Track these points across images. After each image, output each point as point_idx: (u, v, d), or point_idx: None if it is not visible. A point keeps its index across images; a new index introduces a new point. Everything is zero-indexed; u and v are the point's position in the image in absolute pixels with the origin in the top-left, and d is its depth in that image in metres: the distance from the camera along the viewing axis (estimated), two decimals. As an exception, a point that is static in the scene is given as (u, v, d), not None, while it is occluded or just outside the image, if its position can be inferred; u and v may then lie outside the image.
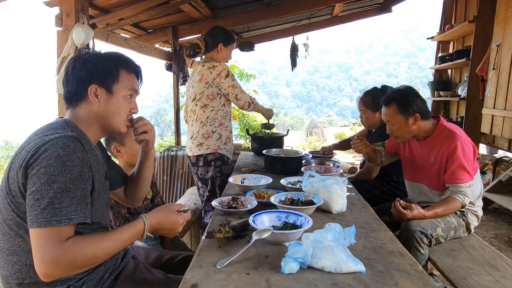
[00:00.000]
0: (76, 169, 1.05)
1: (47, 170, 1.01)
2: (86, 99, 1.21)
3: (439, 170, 1.99)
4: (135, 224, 1.16)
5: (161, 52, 5.02)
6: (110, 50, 1.32)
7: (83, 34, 2.59)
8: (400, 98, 2.01)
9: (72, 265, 1.02)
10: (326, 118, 39.39)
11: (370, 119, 2.76)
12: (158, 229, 1.22)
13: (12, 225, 1.10)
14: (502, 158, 4.51)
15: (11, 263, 1.12)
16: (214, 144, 2.58)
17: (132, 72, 1.27)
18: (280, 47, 8.40)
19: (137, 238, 1.16)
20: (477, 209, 2.06)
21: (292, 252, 1.13)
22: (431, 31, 6.26)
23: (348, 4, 5.30)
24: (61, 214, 1.01)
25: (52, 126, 1.14)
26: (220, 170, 2.63)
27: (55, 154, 1.03)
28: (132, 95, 1.28)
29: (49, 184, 1.01)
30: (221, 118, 2.61)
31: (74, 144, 1.07)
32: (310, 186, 1.76)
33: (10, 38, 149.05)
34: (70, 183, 1.03)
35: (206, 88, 2.54)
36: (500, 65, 3.48)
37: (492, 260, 1.80)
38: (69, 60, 1.27)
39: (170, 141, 9.73)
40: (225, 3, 4.39)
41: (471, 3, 4.94)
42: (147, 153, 1.47)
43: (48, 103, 4.85)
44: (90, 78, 1.19)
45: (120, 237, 1.12)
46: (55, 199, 1.01)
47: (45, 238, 1.00)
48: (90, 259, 1.06)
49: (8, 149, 9.91)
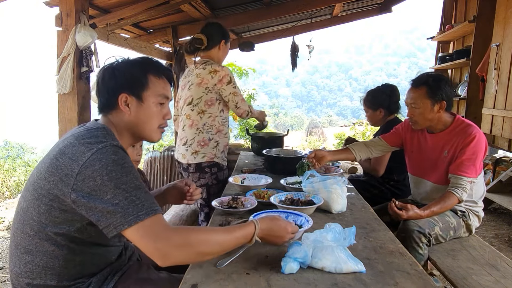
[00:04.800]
0: (133, 169, 1.07)
1: (111, 176, 1.01)
2: (118, 108, 1.20)
3: (451, 163, 1.95)
4: (246, 226, 1.15)
5: (161, 52, 5.02)
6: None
7: (89, 38, 2.59)
8: (432, 83, 1.96)
9: (188, 246, 1.01)
10: (326, 118, 39.44)
11: (372, 117, 2.77)
12: (267, 235, 1.18)
13: (34, 226, 1.10)
14: (502, 158, 4.51)
15: (24, 261, 1.12)
16: (211, 152, 2.44)
17: (162, 77, 1.25)
18: (280, 47, 8.40)
19: (246, 241, 1.14)
20: (478, 209, 2.05)
21: (292, 252, 1.13)
22: (431, 31, 6.25)
23: (348, 4, 5.30)
24: (145, 208, 1.01)
25: (93, 133, 1.11)
26: (216, 177, 2.49)
27: (110, 161, 1.03)
28: (164, 102, 1.26)
29: (119, 187, 1.01)
30: (218, 125, 2.47)
31: (121, 151, 1.09)
32: (310, 186, 1.76)
33: (10, 38, 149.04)
34: (136, 181, 1.04)
35: (205, 94, 2.40)
36: (500, 65, 3.48)
37: (492, 260, 1.80)
38: (99, 71, 1.26)
39: (170, 141, 9.72)
40: (225, 3, 4.39)
41: (471, 3, 4.94)
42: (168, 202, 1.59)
43: (48, 103, 4.84)
44: (119, 88, 1.19)
45: (232, 233, 1.11)
46: (131, 197, 1.01)
47: (143, 232, 0.99)
48: (203, 243, 1.04)
49: (8, 149, 9.90)
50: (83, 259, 1.16)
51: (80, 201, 1.02)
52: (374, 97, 2.71)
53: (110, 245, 1.25)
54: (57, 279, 1.13)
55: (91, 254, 1.17)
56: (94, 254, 1.19)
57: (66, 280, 1.14)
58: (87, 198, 1.01)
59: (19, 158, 8.57)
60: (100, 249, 1.20)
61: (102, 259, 1.23)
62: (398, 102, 2.71)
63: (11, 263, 1.17)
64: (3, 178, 6.01)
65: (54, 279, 1.12)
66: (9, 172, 6.42)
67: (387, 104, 2.68)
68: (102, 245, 1.20)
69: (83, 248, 1.14)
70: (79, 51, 2.64)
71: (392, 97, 2.68)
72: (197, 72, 2.42)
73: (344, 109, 77.87)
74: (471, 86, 4.15)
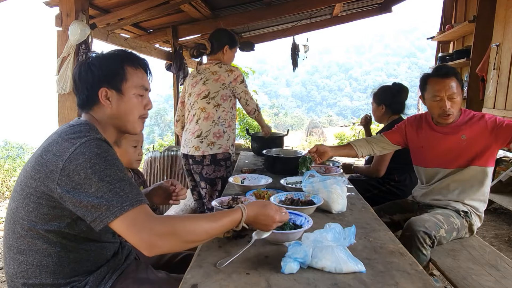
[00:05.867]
0: (117, 161, 1.07)
1: (94, 169, 1.01)
2: (99, 103, 1.20)
3: (471, 145, 1.95)
4: (233, 212, 1.15)
5: (161, 52, 5.02)
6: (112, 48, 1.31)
7: (78, 30, 2.54)
8: (457, 73, 1.97)
9: (173, 235, 1.01)
10: (326, 118, 39.45)
11: (374, 111, 2.80)
12: (253, 222, 1.20)
13: (24, 225, 1.10)
14: (502, 158, 4.50)
15: (18, 262, 1.12)
16: (226, 144, 2.62)
17: (139, 67, 1.25)
18: (280, 47, 8.41)
19: (233, 226, 1.14)
20: (481, 209, 2.05)
21: (292, 252, 1.13)
22: (431, 31, 6.26)
23: (348, 4, 5.30)
24: (129, 199, 1.01)
25: (76, 129, 1.12)
26: (230, 171, 2.66)
27: (93, 154, 1.03)
28: (143, 94, 1.26)
29: (103, 180, 1.01)
30: (229, 120, 2.67)
31: (104, 144, 1.09)
32: (310, 186, 1.76)
33: (10, 38, 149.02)
34: (120, 173, 1.04)
35: (222, 89, 2.59)
36: (500, 65, 3.48)
37: (492, 260, 1.80)
38: (75, 67, 1.26)
39: (170, 141, 9.73)
40: (225, 3, 4.39)
41: (471, 3, 4.94)
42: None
43: (48, 103, 4.85)
44: (98, 82, 1.18)
45: (220, 220, 1.10)
46: (115, 189, 1.01)
47: (128, 223, 0.99)
48: (188, 232, 1.04)
49: (7, 149, 9.90)
50: (77, 256, 1.15)
51: (66, 196, 1.02)
52: (380, 93, 2.75)
53: (104, 241, 1.24)
54: (52, 277, 1.13)
55: (84, 251, 1.17)
56: (88, 251, 1.18)
57: (62, 278, 1.14)
58: (72, 192, 1.01)
59: (19, 158, 8.57)
60: (94, 245, 1.20)
61: (96, 256, 1.22)
62: (402, 103, 2.70)
63: (5, 265, 1.17)
64: (3, 178, 6.01)
65: (49, 278, 1.12)
66: (9, 172, 6.42)
67: (388, 102, 2.68)
68: (96, 241, 1.20)
69: (75, 245, 1.14)
70: (76, 48, 2.62)
71: (396, 96, 2.68)
72: (213, 70, 2.62)
73: (344, 109, 77.87)
74: (471, 86, 4.15)
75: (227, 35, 2.73)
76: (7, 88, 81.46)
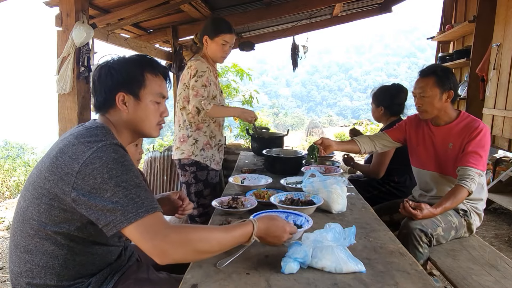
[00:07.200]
0: (133, 167, 1.08)
1: (111, 174, 1.01)
2: (115, 106, 1.20)
3: (457, 155, 1.96)
4: (244, 225, 1.14)
5: (161, 52, 5.02)
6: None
7: (84, 33, 2.57)
8: (440, 72, 1.99)
9: (186, 243, 1.00)
10: (326, 118, 39.43)
11: (373, 112, 2.80)
12: (265, 235, 1.17)
13: (34, 225, 1.10)
14: (502, 158, 4.50)
15: (24, 261, 1.12)
16: (188, 149, 2.38)
17: (159, 74, 1.25)
18: (280, 47, 8.41)
19: (244, 240, 1.13)
20: (480, 208, 2.06)
21: (292, 252, 1.13)
22: (431, 31, 6.25)
23: (348, 4, 5.30)
24: (145, 205, 1.01)
25: (93, 132, 1.12)
26: (195, 176, 2.40)
27: (110, 159, 1.04)
28: (160, 101, 1.26)
29: (119, 185, 1.01)
30: (198, 123, 2.38)
31: (121, 150, 1.10)
32: (310, 186, 1.76)
33: (10, 38, 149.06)
34: (136, 179, 1.05)
35: (183, 90, 2.35)
36: (501, 65, 3.48)
37: (492, 260, 1.80)
38: (95, 69, 1.25)
39: (170, 141, 9.73)
40: (225, 3, 4.39)
41: (471, 3, 4.94)
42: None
43: (48, 103, 4.85)
44: (116, 86, 1.19)
45: (231, 232, 1.10)
46: (131, 195, 1.01)
47: (142, 229, 0.99)
48: (201, 242, 1.03)
49: (8, 149, 9.90)
50: (83, 259, 1.16)
51: (80, 200, 1.02)
52: (379, 94, 2.74)
53: (111, 244, 1.24)
54: (57, 279, 1.13)
55: (91, 254, 1.17)
56: (94, 254, 1.19)
57: (66, 280, 1.14)
58: (87, 196, 1.01)
59: (19, 158, 8.59)
60: (100, 248, 1.20)
61: (102, 259, 1.22)
62: (401, 105, 2.70)
63: (10, 263, 1.17)
64: (3, 178, 6.01)
65: (54, 279, 1.12)
66: (9, 172, 6.43)
67: (386, 104, 2.68)
68: (103, 245, 1.20)
69: (83, 248, 1.14)
70: (79, 50, 2.63)
71: (395, 98, 2.67)
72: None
73: (344, 109, 77.89)
74: (471, 86, 4.15)
75: (208, 23, 2.37)
76: (7, 88, 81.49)
